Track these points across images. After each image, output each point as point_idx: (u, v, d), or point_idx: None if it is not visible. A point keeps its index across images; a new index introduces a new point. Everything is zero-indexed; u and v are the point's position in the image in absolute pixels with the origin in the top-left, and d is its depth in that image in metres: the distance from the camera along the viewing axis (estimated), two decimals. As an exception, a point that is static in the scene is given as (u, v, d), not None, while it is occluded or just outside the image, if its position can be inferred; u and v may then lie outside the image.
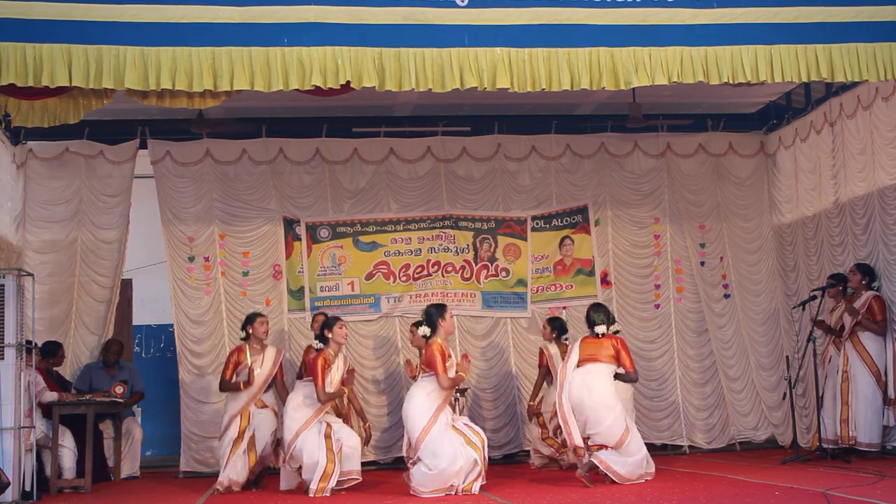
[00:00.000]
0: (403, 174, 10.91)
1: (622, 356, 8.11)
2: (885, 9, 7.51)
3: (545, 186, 11.04)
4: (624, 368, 8.11)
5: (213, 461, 10.13)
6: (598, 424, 7.86)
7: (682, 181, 11.14)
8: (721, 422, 10.87)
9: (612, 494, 7.15)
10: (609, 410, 7.87)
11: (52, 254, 10.27)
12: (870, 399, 8.94)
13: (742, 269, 11.07)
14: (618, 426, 7.86)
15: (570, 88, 7.29)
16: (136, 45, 6.84)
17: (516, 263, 10.95)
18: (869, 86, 9.01)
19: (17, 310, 7.79)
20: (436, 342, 7.91)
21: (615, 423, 7.85)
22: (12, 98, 7.75)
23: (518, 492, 7.67)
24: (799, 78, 7.51)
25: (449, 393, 7.93)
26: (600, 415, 7.86)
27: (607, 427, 7.84)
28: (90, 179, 10.42)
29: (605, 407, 7.88)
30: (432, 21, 7.18)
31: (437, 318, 8.00)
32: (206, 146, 10.56)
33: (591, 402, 7.89)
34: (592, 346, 8.18)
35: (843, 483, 7.02)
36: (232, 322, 10.41)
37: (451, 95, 8.25)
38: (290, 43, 7.00)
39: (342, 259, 10.72)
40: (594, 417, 7.88)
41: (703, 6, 7.42)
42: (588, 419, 7.91)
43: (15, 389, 7.70)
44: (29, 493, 7.91)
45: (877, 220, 9.21)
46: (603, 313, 8.33)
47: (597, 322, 8.26)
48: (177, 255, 10.45)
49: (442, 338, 7.98)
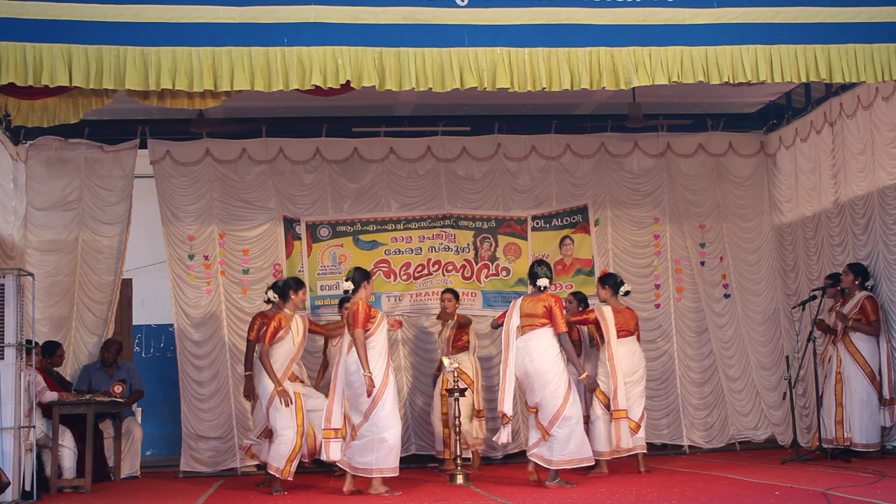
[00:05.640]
0: (403, 174, 10.92)
1: (554, 315, 8.04)
2: (885, 9, 7.51)
3: (545, 186, 11.04)
4: (554, 329, 8.04)
5: (213, 461, 10.17)
6: (540, 389, 7.96)
7: (682, 181, 11.15)
8: (721, 421, 10.88)
9: (612, 494, 7.16)
10: (549, 377, 7.94)
11: (52, 253, 10.28)
12: (864, 400, 8.95)
13: (742, 269, 11.07)
14: (559, 392, 7.92)
15: (570, 88, 7.28)
16: (136, 45, 6.83)
17: (517, 263, 10.96)
18: (869, 86, 9.01)
19: (17, 310, 7.78)
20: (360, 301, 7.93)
21: (556, 388, 7.92)
22: (12, 98, 7.74)
23: (518, 492, 7.67)
24: (798, 78, 7.50)
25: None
26: (539, 381, 7.96)
27: (549, 392, 7.92)
28: (90, 179, 10.42)
29: (546, 373, 7.95)
30: (432, 21, 7.18)
31: (362, 280, 8.02)
32: (205, 146, 10.56)
33: (532, 369, 7.99)
34: (530, 304, 8.16)
35: (842, 483, 7.02)
36: (232, 321, 10.42)
37: (451, 95, 8.25)
38: (290, 43, 6.99)
39: (342, 258, 10.73)
40: (536, 384, 8.00)
41: (702, 6, 7.42)
42: (532, 386, 8.03)
43: (15, 389, 7.69)
44: (29, 493, 7.91)
45: (877, 220, 9.22)
46: (546, 267, 8.29)
47: (539, 275, 8.22)
48: (176, 254, 10.45)
49: (363, 299, 7.98)
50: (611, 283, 8.98)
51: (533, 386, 8.01)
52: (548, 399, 7.93)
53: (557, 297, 8.31)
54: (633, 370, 8.72)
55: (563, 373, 8.00)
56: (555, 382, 7.93)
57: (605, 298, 8.96)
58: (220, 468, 10.14)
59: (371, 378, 7.67)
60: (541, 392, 7.96)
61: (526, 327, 8.13)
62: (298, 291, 8.35)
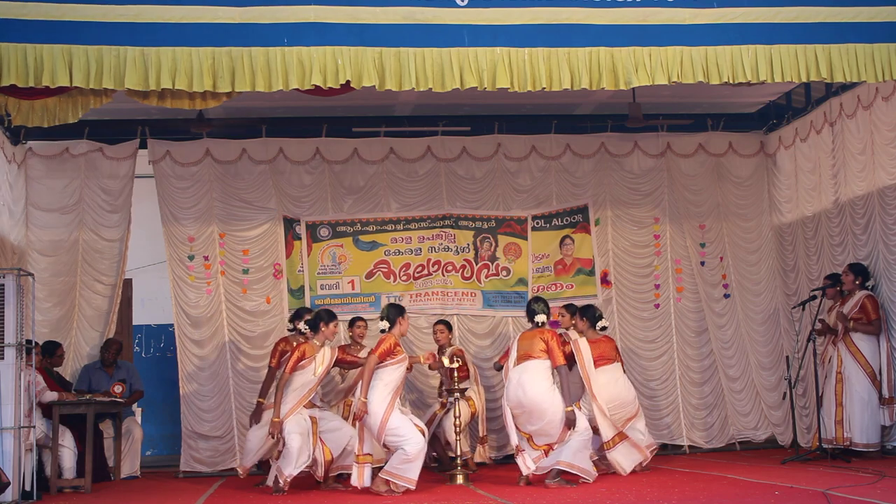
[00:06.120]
0: (403, 174, 10.92)
1: (551, 348, 8.09)
2: (885, 9, 7.51)
3: (545, 186, 11.04)
4: (552, 362, 8.08)
5: (213, 461, 10.17)
6: (538, 420, 7.98)
7: (682, 181, 11.15)
8: (721, 421, 10.88)
9: (612, 494, 7.16)
10: (544, 407, 7.95)
11: (53, 254, 10.28)
12: (865, 400, 8.94)
13: (742, 269, 11.07)
14: (556, 422, 7.92)
15: (570, 88, 7.29)
16: (136, 45, 6.83)
17: (517, 263, 10.96)
18: (869, 85, 9.01)
19: (17, 310, 7.79)
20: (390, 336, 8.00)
21: (553, 419, 7.93)
22: (12, 98, 7.74)
23: (518, 492, 7.68)
24: (799, 78, 7.51)
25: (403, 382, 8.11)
26: (536, 412, 7.97)
27: (547, 423, 7.94)
28: (90, 179, 10.43)
29: (540, 403, 7.96)
30: (432, 21, 7.18)
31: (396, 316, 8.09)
32: (206, 146, 10.56)
33: (526, 400, 8.01)
34: (527, 340, 8.26)
35: (842, 483, 7.02)
36: (232, 321, 10.42)
37: (451, 95, 8.26)
38: (290, 43, 6.99)
39: (342, 258, 10.73)
40: (531, 415, 8.01)
41: (703, 6, 7.42)
42: (529, 417, 8.04)
43: (15, 389, 7.70)
44: (29, 493, 7.91)
45: (877, 220, 9.21)
46: (543, 304, 8.40)
47: (537, 312, 8.32)
48: (176, 255, 10.45)
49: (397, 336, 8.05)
50: (589, 315, 8.98)
51: (530, 416, 8.04)
52: (547, 429, 7.98)
53: (554, 332, 8.36)
54: (616, 397, 8.64)
55: (559, 402, 7.98)
56: (551, 413, 7.95)
57: (581, 330, 8.96)
58: (220, 468, 10.14)
59: (365, 403, 7.70)
60: (539, 422, 8.01)
61: (521, 359, 8.19)
62: (330, 324, 8.24)
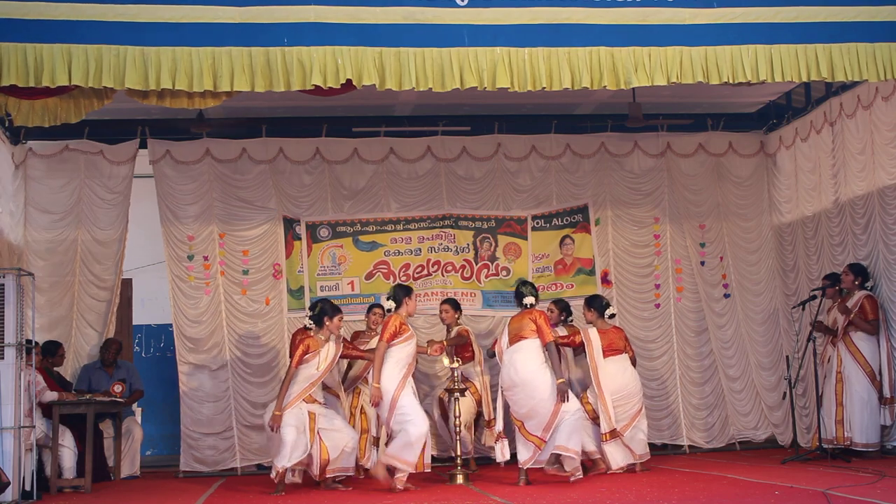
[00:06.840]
0: (403, 174, 10.92)
1: (540, 326, 8.15)
2: (885, 9, 7.51)
3: (545, 186, 11.04)
4: (541, 340, 8.14)
5: (213, 461, 10.16)
6: (529, 399, 8.01)
7: (682, 181, 11.15)
8: (721, 421, 10.88)
9: (612, 494, 7.16)
10: (535, 384, 7.98)
11: (52, 253, 10.27)
12: (865, 400, 8.94)
13: (742, 269, 11.07)
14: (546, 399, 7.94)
15: (570, 88, 7.29)
16: (136, 45, 6.83)
17: (517, 262, 10.96)
18: (869, 85, 9.01)
19: (17, 309, 7.79)
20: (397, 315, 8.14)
21: (543, 396, 7.95)
22: (13, 98, 7.74)
23: (518, 492, 7.67)
24: (799, 78, 7.51)
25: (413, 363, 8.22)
26: (528, 388, 8.01)
27: (538, 401, 7.96)
28: (90, 179, 10.42)
29: (532, 381, 8.00)
30: (432, 21, 7.18)
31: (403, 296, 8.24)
32: (205, 146, 10.56)
33: (518, 379, 8.07)
34: (517, 322, 8.31)
35: (842, 483, 7.02)
36: (231, 321, 10.42)
37: (451, 95, 8.25)
38: (290, 43, 6.99)
39: (342, 258, 10.73)
40: (523, 392, 8.04)
41: (702, 6, 7.42)
42: (520, 396, 8.07)
43: (15, 389, 7.70)
44: (29, 493, 7.91)
45: (877, 220, 9.21)
46: (531, 286, 8.51)
47: (525, 294, 8.39)
48: (176, 255, 10.44)
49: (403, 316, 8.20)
50: (596, 305, 9.01)
51: (521, 396, 8.06)
52: (538, 407, 7.99)
53: (542, 311, 8.43)
54: (623, 388, 8.66)
55: (550, 379, 8.02)
56: (542, 390, 7.98)
57: (591, 320, 9.01)
58: (220, 468, 10.14)
59: (378, 389, 7.86)
60: (530, 401, 8.02)
61: (512, 340, 8.23)
62: (334, 318, 8.30)
